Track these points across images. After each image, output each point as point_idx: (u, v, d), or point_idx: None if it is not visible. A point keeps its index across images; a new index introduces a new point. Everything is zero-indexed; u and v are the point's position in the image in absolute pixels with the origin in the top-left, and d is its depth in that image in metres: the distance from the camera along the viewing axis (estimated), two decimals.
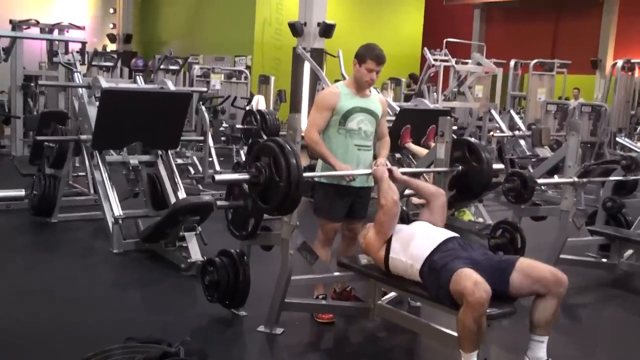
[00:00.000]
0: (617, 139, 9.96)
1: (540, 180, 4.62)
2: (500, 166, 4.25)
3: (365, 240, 3.51)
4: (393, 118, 6.51)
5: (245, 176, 3.20)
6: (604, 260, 5.16)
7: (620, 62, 11.80)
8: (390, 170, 3.61)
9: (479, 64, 10.43)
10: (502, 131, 9.30)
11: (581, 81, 15.54)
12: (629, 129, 11.75)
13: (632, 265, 5.05)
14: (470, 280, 2.88)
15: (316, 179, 3.84)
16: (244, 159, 7.98)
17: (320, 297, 3.95)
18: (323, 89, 9.90)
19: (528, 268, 3.09)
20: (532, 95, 13.51)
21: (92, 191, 6.55)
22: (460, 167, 3.95)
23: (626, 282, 5.03)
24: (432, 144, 6.30)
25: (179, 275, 4.61)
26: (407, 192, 4.62)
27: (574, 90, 14.02)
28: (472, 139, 4.11)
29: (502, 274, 3.08)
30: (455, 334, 2.99)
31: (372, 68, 3.74)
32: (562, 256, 4.70)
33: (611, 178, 5.47)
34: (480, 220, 6.52)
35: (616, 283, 4.99)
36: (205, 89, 9.20)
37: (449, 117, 3.99)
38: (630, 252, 5.13)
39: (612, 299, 4.70)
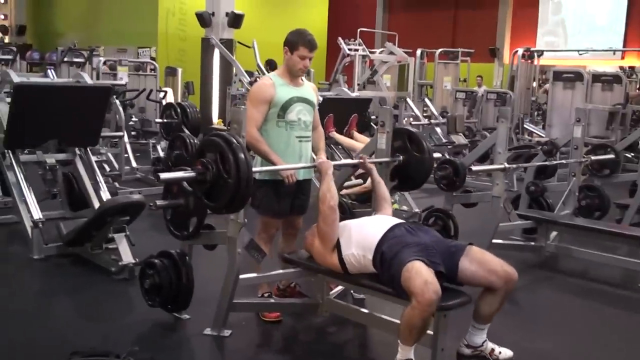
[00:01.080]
0: (525, 125, 10.29)
1: (474, 167, 4.66)
2: (439, 155, 4.26)
3: (314, 251, 3.41)
4: None
5: (191, 174, 3.03)
6: (532, 243, 5.31)
7: (520, 50, 12.27)
8: (362, 159, 3.64)
9: (391, 53, 10.52)
10: (418, 119, 9.43)
11: (481, 69, 16.05)
12: (532, 115, 12.25)
13: (557, 246, 5.22)
14: (421, 279, 2.82)
15: (256, 176, 3.71)
16: (161, 154, 7.70)
17: (266, 295, 3.85)
18: (241, 81, 9.82)
19: (480, 258, 3.09)
20: (438, 83, 13.86)
21: None
22: (401, 157, 3.93)
23: (553, 264, 5.20)
24: (355, 133, 6.32)
25: (110, 280, 4.37)
26: (347, 184, 4.58)
27: (477, 78, 14.46)
28: (413, 129, 4.09)
29: (452, 258, 3.08)
30: None
31: (304, 55, 3.63)
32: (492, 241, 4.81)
33: (536, 163, 5.63)
34: (405, 208, 6.58)
35: (544, 265, 5.15)
36: (123, 82, 8.80)
37: (388, 107, 3.95)
38: (554, 234, 5.29)
39: (543, 280, 4.84)
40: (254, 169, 3.13)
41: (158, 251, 3.69)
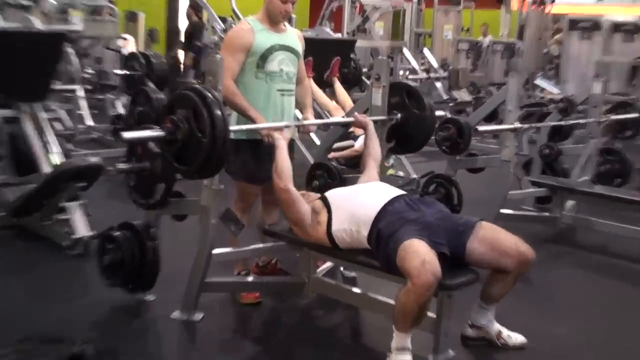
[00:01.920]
0: (537, 80, 10.26)
1: (480, 128, 4.62)
2: (442, 113, 4.21)
3: (296, 230, 3.38)
4: None
5: (159, 132, 2.99)
6: (546, 213, 5.30)
7: None
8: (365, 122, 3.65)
9: None
10: (415, 73, 9.35)
11: (487, 16, 15.90)
12: (544, 70, 12.20)
13: (574, 217, 5.22)
14: (418, 259, 2.79)
15: (232, 136, 3.63)
16: (122, 111, 7.57)
17: (243, 273, 3.82)
18: (213, 28, 9.65)
19: (492, 238, 3.06)
20: (438, 32, 13.75)
21: None
22: (399, 115, 3.88)
23: (570, 236, 5.20)
24: (337, 83, 6.24)
25: (62, 255, 4.32)
26: (336, 146, 4.52)
27: (481, 27, 14.33)
28: (411, 83, 4.03)
29: (459, 237, 3.05)
30: None
31: None
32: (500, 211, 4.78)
33: (551, 123, 5.60)
34: (402, 174, 6.53)
35: (560, 238, 5.15)
36: (78, 27, 8.61)
37: (386, 58, 3.89)
38: (571, 203, 5.28)
39: (558, 255, 4.83)
40: (231, 128, 3.06)
41: (119, 222, 3.64)
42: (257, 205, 3.91)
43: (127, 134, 3.02)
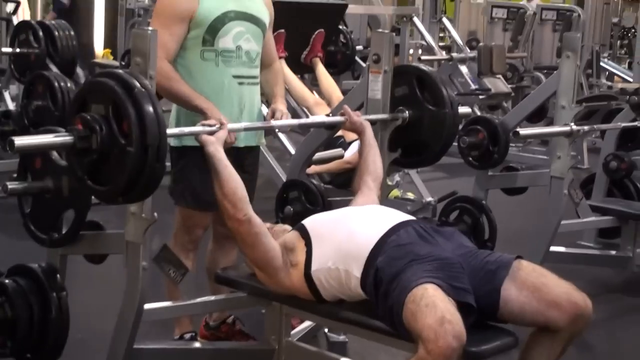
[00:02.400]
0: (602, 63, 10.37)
1: (521, 131, 4.68)
2: (468, 110, 4.28)
3: (260, 276, 3.39)
4: None
5: (66, 138, 2.99)
6: (612, 252, 5.38)
7: None
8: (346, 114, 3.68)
9: None
10: (431, 52, 9.43)
11: None
12: (612, 48, 12.34)
13: None
14: (434, 315, 2.79)
15: (172, 142, 3.70)
16: (11, 106, 7.62)
17: (187, 336, 3.86)
18: None
19: (535, 282, 3.06)
20: None
21: None
22: (407, 113, 3.93)
23: None
24: (319, 62, 6.30)
25: None
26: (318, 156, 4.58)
27: None
28: (425, 67, 4.11)
29: (490, 281, 3.07)
30: None
31: None
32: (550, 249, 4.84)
33: (620, 124, 5.68)
34: (411, 196, 6.60)
35: (632, 287, 5.23)
36: None
37: (388, 30, 3.98)
38: None
39: (629, 311, 4.91)
40: (169, 131, 3.10)
41: (9, 266, 3.63)
42: (206, 241, 3.96)
43: (20, 140, 2.98)
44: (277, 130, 4.17)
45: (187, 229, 3.81)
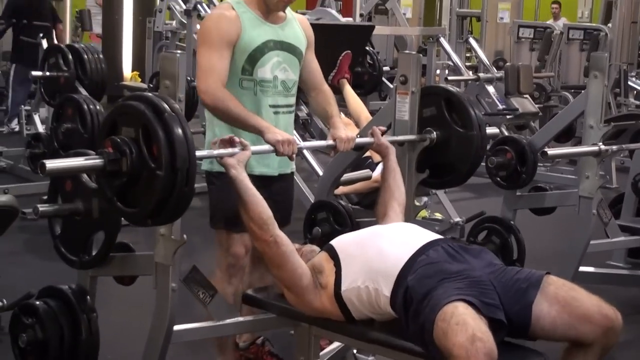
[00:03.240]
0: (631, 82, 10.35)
1: (549, 151, 4.68)
2: (496, 131, 4.28)
3: (289, 298, 3.39)
4: None
5: (96, 161, 3.01)
6: None
7: None
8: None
9: None
10: (457, 72, 9.44)
11: None
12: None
13: None
14: (465, 333, 2.80)
15: (205, 165, 3.73)
16: (41, 129, 7.67)
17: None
18: (170, 9, 9.75)
19: (565, 297, 3.07)
20: (490, 14, 13.85)
21: None
22: (434, 134, 3.94)
23: None
24: (347, 86, 6.32)
25: None
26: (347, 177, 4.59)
27: (552, 7, 14.49)
28: (452, 88, 4.12)
29: (521, 298, 3.06)
30: None
31: None
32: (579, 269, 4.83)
33: None
34: (439, 216, 6.60)
35: None
36: None
37: (415, 51, 3.98)
38: None
39: None
40: (199, 153, 3.12)
41: (40, 288, 3.67)
42: None
43: (51, 164, 2.99)
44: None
45: (231, 254, 3.81)
